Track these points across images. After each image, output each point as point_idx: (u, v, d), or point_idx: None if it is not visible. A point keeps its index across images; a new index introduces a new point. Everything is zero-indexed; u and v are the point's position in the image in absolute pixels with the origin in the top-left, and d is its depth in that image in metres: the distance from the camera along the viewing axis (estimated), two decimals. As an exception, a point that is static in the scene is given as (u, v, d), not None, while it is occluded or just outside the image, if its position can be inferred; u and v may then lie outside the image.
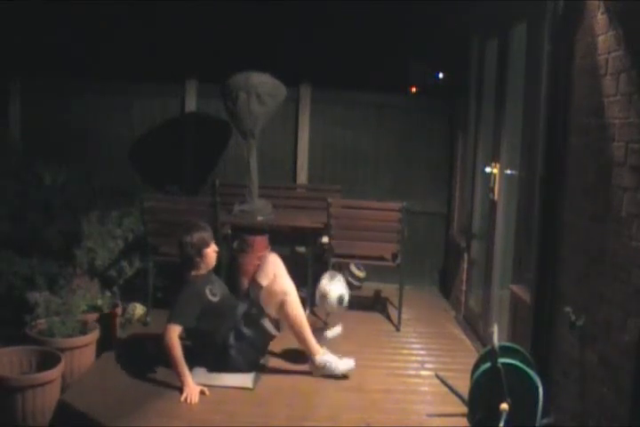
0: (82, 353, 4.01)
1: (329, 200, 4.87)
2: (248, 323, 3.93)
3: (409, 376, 4.16)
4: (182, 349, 3.71)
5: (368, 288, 5.83)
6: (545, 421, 2.90)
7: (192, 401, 3.57)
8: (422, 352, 4.58)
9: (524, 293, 3.70)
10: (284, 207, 5.76)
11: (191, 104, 6.20)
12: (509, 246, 4.29)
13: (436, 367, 4.21)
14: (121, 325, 4.66)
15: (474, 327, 5.06)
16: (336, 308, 4.51)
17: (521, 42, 4.23)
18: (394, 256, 5.02)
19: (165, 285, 4.94)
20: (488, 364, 2.86)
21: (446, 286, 6.17)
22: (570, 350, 3.10)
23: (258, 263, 4.53)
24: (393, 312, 5.24)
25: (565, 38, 3.24)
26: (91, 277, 4.75)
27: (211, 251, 3.96)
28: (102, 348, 4.22)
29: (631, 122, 2.60)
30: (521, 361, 2.92)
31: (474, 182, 5.43)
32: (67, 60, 6.48)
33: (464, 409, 3.05)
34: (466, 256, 5.53)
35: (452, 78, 6.56)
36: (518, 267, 4.00)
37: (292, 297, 3.99)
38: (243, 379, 3.85)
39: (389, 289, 5.66)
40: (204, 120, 6.19)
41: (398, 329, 4.98)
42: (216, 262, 4.06)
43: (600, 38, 2.91)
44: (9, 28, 6.14)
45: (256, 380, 3.87)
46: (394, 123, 6.30)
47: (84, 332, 4.09)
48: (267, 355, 4.19)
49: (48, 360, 3.69)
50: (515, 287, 3.92)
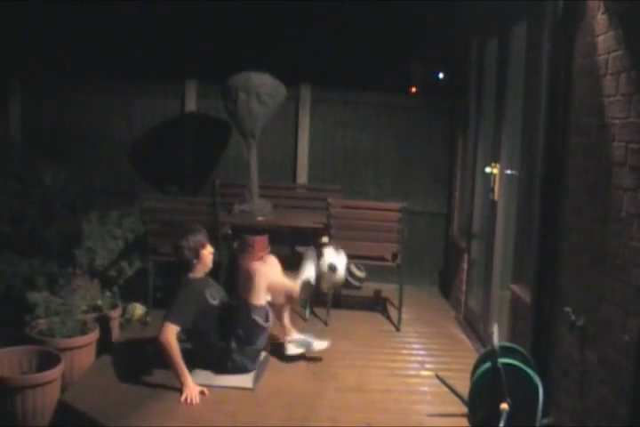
0: (82, 353, 4.01)
1: (329, 200, 4.87)
2: (241, 323, 3.90)
3: (409, 376, 4.16)
4: (182, 351, 3.69)
5: (368, 288, 5.82)
6: (545, 421, 2.90)
7: (192, 401, 3.57)
8: (422, 352, 4.58)
9: (524, 293, 3.70)
10: (284, 207, 5.76)
11: (191, 104, 6.19)
12: (509, 246, 4.29)
13: (436, 367, 4.21)
14: (121, 325, 4.66)
15: (474, 327, 5.06)
16: (343, 278, 4.54)
17: (521, 42, 4.22)
18: (394, 256, 5.02)
19: (165, 285, 4.93)
20: (488, 364, 2.86)
21: (446, 286, 6.17)
22: (570, 350, 3.10)
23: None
24: (393, 312, 5.24)
25: (565, 38, 3.24)
26: (91, 277, 4.75)
27: (207, 252, 3.97)
28: (102, 348, 4.22)
29: (631, 122, 2.60)
30: (521, 361, 2.92)
31: (474, 182, 5.43)
32: (67, 60, 6.49)
33: (464, 409, 3.06)
34: (466, 256, 5.53)
35: (452, 78, 6.56)
36: (518, 267, 4.00)
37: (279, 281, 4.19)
38: (243, 379, 3.85)
39: (389, 289, 5.65)
40: (204, 120, 6.19)
41: (398, 329, 4.98)
42: (213, 264, 4.06)
43: (600, 38, 2.91)
44: (9, 28, 6.15)
45: (256, 380, 3.87)
46: (394, 123, 6.29)
47: (84, 332, 4.09)
48: (266, 355, 4.19)
49: (48, 360, 3.69)
50: (515, 287, 3.92)
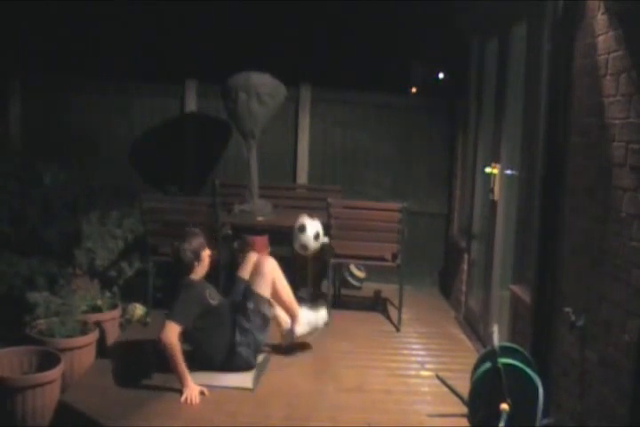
0: (82, 353, 4.01)
1: (329, 200, 4.87)
2: (248, 316, 3.97)
3: (409, 377, 4.15)
4: (182, 352, 3.69)
5: (368, 288, 5.83)
6: (545, 421, 2.90)
7: (192, 401, 3.57)
8: (422, 353, 4.58)
9: (524, 293, 3.70)
10: (284, 207, 5.76)
11: (191, 104, 6.19)
12: (509, 246, 4.29)
13: (436, 368, 4.21)
14: (121, 325, 4.66)
15: (474, 328, 5.06)
16: (312, 243, 4.79)
17: (521, 42, 4.22)
18: (394, 256, 5.02)
19: (165, 285, 4.94)
20: (488, 364, 2.86)
21: (446, 287, 6.17)
22: (570, 350, 3.10)
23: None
24: (393, 312, 5.24)
25: (565, 38, 3.24)
26: (91, 277, 4.75)
27: (206, 255, 4.02)
28: (102, 348, 4.22)
29: (631, 122, 2.60)
30: (521, 361, 2.92)
31: (474, 182, 5.43)
32: (67, 60, 6.49)
33: (464, 409, 3.06)
34: (466, 256, 5.53)
35: (452, 78, 6.57)
36: (518, 267, 4.00)
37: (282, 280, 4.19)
38: (243, 379, 3.85)
39: (389, 289, 5.65)
40: (204, 120, 6.19)
41: (398, 329, 4.97)
42: (216, 261, 4.09)
43: (600, 38, 2.91)
44: (9, 28, 6.15)
45: (256, 380, 3.87)
46: (394, 123, 6.30)
47: (84, 332, 4.09)
48: (267, 355, 4.19)
49: (48, 360, 3.69)
50: (515, 287, 3.92)
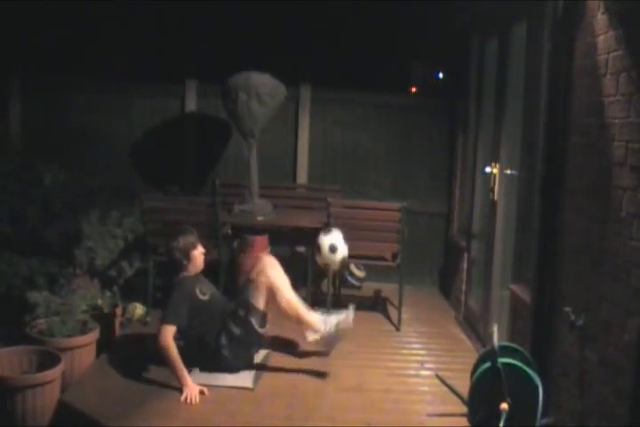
0: (82, 353, 4.01)
1: (329, 200, 4.87)
2: (237, 322, 3.92)
3: (409, 376, 4.16)
4: (177, 349, 3.70)
5: (368, 288, 5.83)
6: (545, 421, 2.90)
7: (192, 401, 3.57)
8: (422, 352, 4.58)
9: (524, 293, 3.70)
10: (284, 207, 5.75)
11: (191, 104, 6.19)
12: (509, 246, 4.29)
13: (436, 367, 4.21)
14: (121, 324, 4.66)
15: (474, 327, 5.06)
16: (329, 257, 4.63)
17: (521, 42, 4.22)
18: (394, 256, 5.02)
19: (165, 284, 4.93)
20: (488, 364, 2.86)
21: (446, 286, 6.17)
22: (570, 350, 3.10)
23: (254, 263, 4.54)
24: (393, 312, 5.24)
25: (565, 38, 3.24)
26: (91, 277, 4.75)
27: (198, 253, 4.01)
28: (102, 348, 4.22)
29: (631, 122, 2.60)
30: (521, 361, 2.91)
31: (474, 182, 5.43)
32: (67, 60, 6.49)
33: (464, 409, 3.05)
34: (466, 256, 5.53)
35: (452, 78, 6.57)
36: (518, 267, 4.00)
37: (282, 292, 3.97)
38: (243, 379, 3.85)
39: (389, 289, 5.65)
40: (204, 120, 6.19)
41: (398, 329, 4.98)
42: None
43: (600, 38, 2.91)
44: (9, 28, 6.15)
45: (256, 380, 3.87)
46: (394, 123, 6.29)
47: (84, 332, 4.09)
48: (267, 354, 4.19)
49: (48, 360, 3.69)
50: (515, 287, 3.92)
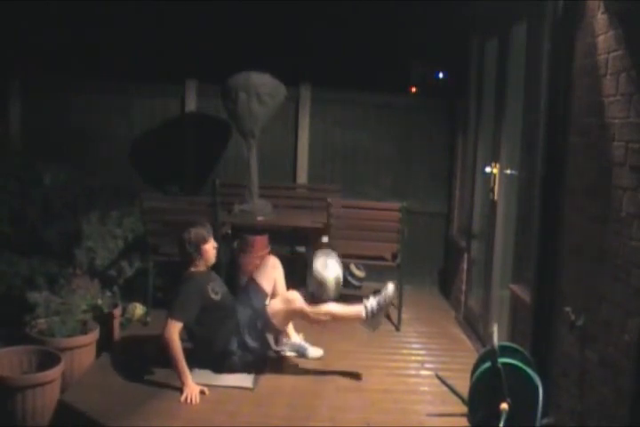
0: (82, 353, 4.01)
1: (329, 200, 4.87)
2: (253, 335, 3.89)
3: (409, 376, 4.16)
4: (183, 350, 3.69)
5: (368, 288, 5.81)
6: (545, 421, 2.90)
7: (192, 401, 3.57)
8: (422, 352, 4.58)
9: (524, 293, 3.70)
10: (284, 207, 5.76)
11: (191, 104, 6.19)
12: (509, 246, 4.29)
13: (436, 367, 4.21)
14: (121, 325, 4.66)
15: (474, 327, 5.06)
16: (334, 292, 4.57)
17: (521, 42, 4.22)
18: (394, 256, 5.02)
19: (165, 285, 4.94)
20: (488, 364, 2.86)
21: (446, 286, 6.17)
22: (570, 350, 3.10)
23: (258, 263, 4.54)
24: (393, 312, 5.23)
25: (565, 38, 3.24)
26: (91, 277, 4.74)
27: (209, 247, 3.95)
28: (102, 348, 4.22)
29: (631, 122, 2.60)
30: (521, 361, 2.91)
31: (474, 182, 5.43)
32: (67, 60, 6.48)
33: (464, 409, 3.05)
34: (466, 256, 5.53)
35: (452, 78, 6.57)
36: (518, 267, 4.00)
37: (299, 302, 3.93)
38: (243, 379, 3.85)
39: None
40: (204, 120, 6.18)
41: (398, 329, 4.98)
42: (216, 260, 4.06)
43: (600, 38, 2.91)
44: (9, 28, 6.15)
45: (256, 380, 3.87)
46: (394, 123, 6.29)
47: (84, 332, 4.09)
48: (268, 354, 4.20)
49: (48, 360, 3.69)
50: (515, 287, 3.92)
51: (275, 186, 5.95)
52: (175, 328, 3.68)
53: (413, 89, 7.51)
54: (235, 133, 5.85)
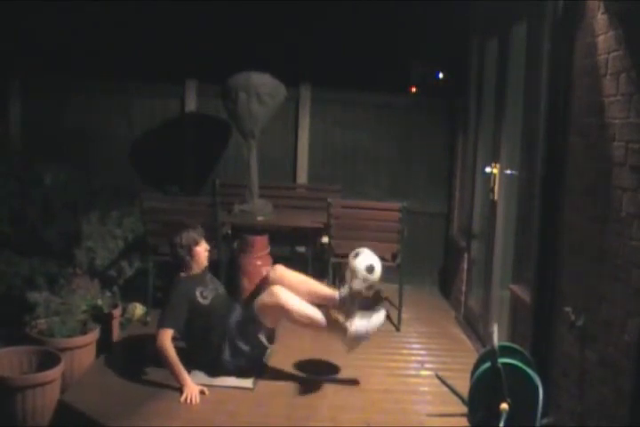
0: (82, 353, 4.01)
1: (329, 200, 4.87)
2: (245, 339, 3.83)
3: (409, 376, 4.16)
4: (177, 350, 3.69)
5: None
6: (545, 421, 2.90)
7: (192, 401, 3.57)
8: (422, 352, 4.58)
9: (524, 293, 3.70)
10: (284, 207, 5.75)
11: (191, 104, 6.19)
12: (509, 246, 4.29)
13: (436, 367, 4.21)
14: (121, 325, 4.66)
15: (474, 327, 5.06)
16: (364, 279, 3.83)
17: (521, 42, 4.23)
18: (394, 256, 5.01)
19: (165, 285, 4.93)
20: (488, 364, 2.86)
21: (446, 286, 6.17)
22: (570, 350, 3.10)
23: (258, 264, 4.54)
24: (393, 312, 5.24)
25: (565, 38, 3.24)
26: (91, 277, 4.75)
27: (201, 250, 3.94)
28: (102, 348, 4.22)
29: (631, 122, 2.60)
30: (521, 361, 2.92)
31: (474, 182, 5.43)
32: (67, 60, 6.49)
33: (464, 409, 3.05)
34: (466, 256, 5.53)
35: (452, 78, 6.57)
36: (518, 267, 4.00)
37: (289, 306, 3.75)
38: (243, 379, 3.85)
39: (389, 289, 5.64)
40: (204, 120, 6.18)
41: (398, 329, 4.98)
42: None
43: (600, 38, 2.91)
44: (9, 28, 6.15)
45: (256, 380, 3.87)
46: (394, 123, 6.29)
47: (84, 332, 4.09)
48: (267, 353, 4.19)
49: (48, 360, 3.69)
50: (515, 287, 3.92)
51: (275, 186, 5.95)
52: (167, 336, 3.68)
53: (413, 89, 7.52)
54: (235, 133, 5.85)
